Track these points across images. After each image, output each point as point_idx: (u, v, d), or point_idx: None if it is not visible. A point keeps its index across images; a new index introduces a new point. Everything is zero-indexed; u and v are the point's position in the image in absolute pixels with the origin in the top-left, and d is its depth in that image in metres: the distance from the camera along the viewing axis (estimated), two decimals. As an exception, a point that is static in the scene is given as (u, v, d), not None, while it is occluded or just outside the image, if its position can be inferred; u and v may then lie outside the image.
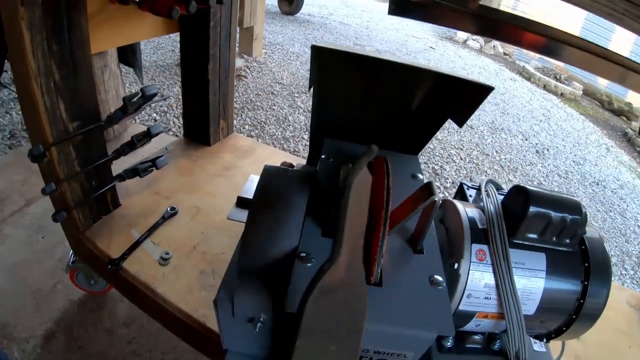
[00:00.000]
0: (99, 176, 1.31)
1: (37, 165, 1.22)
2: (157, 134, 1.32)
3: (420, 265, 0.71)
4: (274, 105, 3.53)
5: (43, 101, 1.05)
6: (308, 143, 3.02)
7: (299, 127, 3.29)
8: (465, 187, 1.03)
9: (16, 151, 2.70)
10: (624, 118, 6.81)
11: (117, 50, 2.41)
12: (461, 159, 3.48)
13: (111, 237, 1.32)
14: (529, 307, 0.77)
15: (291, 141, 3.10)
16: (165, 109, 3.14)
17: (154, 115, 3.03)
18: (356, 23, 7.49)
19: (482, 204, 0.86)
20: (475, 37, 8.38)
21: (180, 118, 3.03)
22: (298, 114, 3.46)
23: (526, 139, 4.24)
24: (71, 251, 1.54)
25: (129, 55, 2.49)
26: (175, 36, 1.60)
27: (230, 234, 1.36)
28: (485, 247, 0.77)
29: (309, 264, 0.65)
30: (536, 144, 4.25)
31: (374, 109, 1.09)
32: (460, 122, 0.99)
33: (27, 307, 1.73)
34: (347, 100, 1.08)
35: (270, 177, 0.85)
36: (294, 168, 0.97)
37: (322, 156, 0.93)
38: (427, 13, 1.10)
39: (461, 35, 8.52)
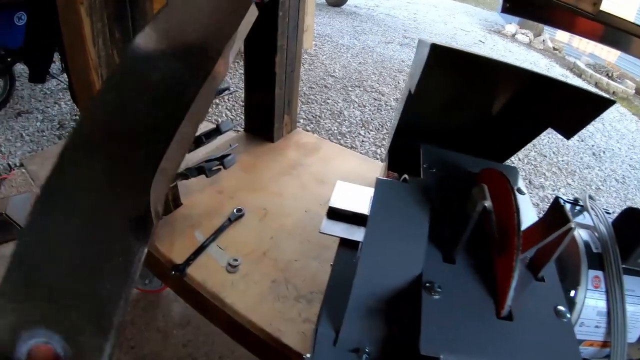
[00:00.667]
0: (162, 175, 1.21)
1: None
2: (226, 131, 1.22)
3: (544, 295, 0.66)
4: (328, 99, 3.45)
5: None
6: (364, 139, 2.93)
7: (354, 122, 3.20)
8: (561, 200, 0.93)
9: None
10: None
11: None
12: (519, 159, 3.34)
13: (173, 239, 1.23)
14: (633, 334, 0.73)
15: (347, 137, 3.02)
16: (217, 100, 3.07)
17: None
18: (403, 15, 7.35)
19: (589, 224, 0.81)
20: (524, 30, 8.12)
21: (233, 110, 2.97)
22: (353, 108, 3.37)
23: (582, 140, 4.07)
24: (128, 250, 1.46)
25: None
26: None
27: (301, 239, 1.26)
28: (600, 274, 0.72)
29: (436, 297, 0.61)
30: (592, 145, 4.07)
31: (468, 113, 1.04)
32: (568, 134, 0.92)
33: (79, 303, 1.69)
34: (443, 102, 1.02)
35: (387, 192, 0.77)
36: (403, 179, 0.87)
37: (424, 165, 0.87)
38: (542, 13, 1.05)
39: (510, 29, 8.28)
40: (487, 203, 0.63)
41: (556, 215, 0.63)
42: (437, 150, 0.95)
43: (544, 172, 3.29)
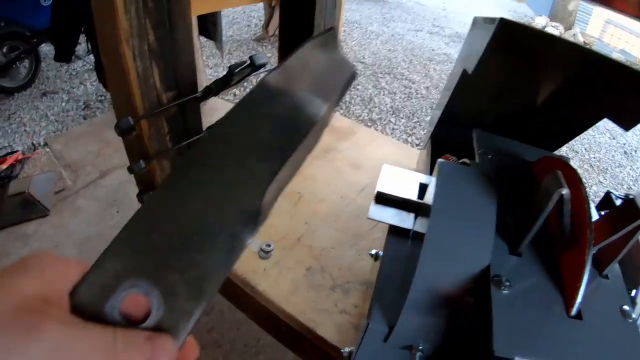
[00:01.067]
0: (191, 153, 1.15)
1: (121, 138, 1.07)
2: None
3: (609, 293, 0.63)
4: (358, 84, 3.40)
5: (135, 66, 0.90)
6: (394, 127, 2.86)
7: (385, 109, 3.14)
8: (613, 196, 0.90)
9: (90, 121, 2.66)
10: None
11: (197, 21, 2.27)
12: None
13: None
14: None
15: (378, 124, 2.96)
16: (246, 83, 3.02)
17: (234, 90, 2.91)
18: (432, 4, 7.20)
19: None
20: (554, 23, 7.94)
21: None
22: (383, 95, 3.31)
23: (613, 138, 3.95)
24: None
25: (209, 27, 2.36)
26: (251, 11, 1.45)
27: (337, 226, 1.19)
28: (658, 272, 0.69)
29: (506, 291, 0.57)
30: (624, 144, 3.95)
31: (523, 97, 1.00)
32: (627, 125, 0.88)
33: (99, 286, 1.65)
34: (498, 85, 0.99)
35: (451, 176, 0.71)
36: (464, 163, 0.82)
37: (479, 150, 0.83)
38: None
39: (540, 21, 8.09)
40: (565, 191, 0.57)
41: (628, 210, 0.60)
42: (490, 135, 0.89)
43: (576, 168, 3.19)
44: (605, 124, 4.26)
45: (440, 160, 0.73)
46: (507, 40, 0.83)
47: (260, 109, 0.50)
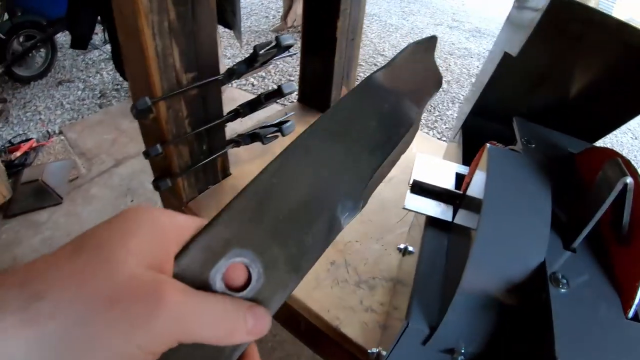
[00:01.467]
0: (211, 139, 1.10)
1: (137, 123, 1.02)
2: (289, 93, 1.09)
3: None
4: None
5: (154, 44, 0.85)
6: (422, 119, 2.80)
7: None
8: None
9: (106, 110, 2.63)
10: None
11: (216, 10, 2.22)
12: (604, 142, 3.15)
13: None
14: None
15: None
16: (263, 74, 2.97)
17: (251, 79, 2.86)
18: (452, -2, 7.11)
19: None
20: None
21: (284, 80, 2.87)
22: None
23: (635, 138, 3.86)
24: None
25: (229, 16, 2.32)
26: (269, 2, 1.40)
27: (362, 219, 1.13)
28: None
29: (563, 290, 0.51)
30: None
31: (563, 86, 0.93)
32: None
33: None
34: (539, 72, 0.93)
35: (503, 163, 0.65)
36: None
37: (522, 139, 0.77)
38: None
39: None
40: (629, 180, 0.51)
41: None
42: (530, 124, 0.84)
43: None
44: (628, 124, 4.18)
45: (489, 145, 0.67)
46: (556, 20, 0.78)
47: (369, 102, 0.54)
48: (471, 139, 0.97)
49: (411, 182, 0.80)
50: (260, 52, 0.97)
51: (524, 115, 0.86)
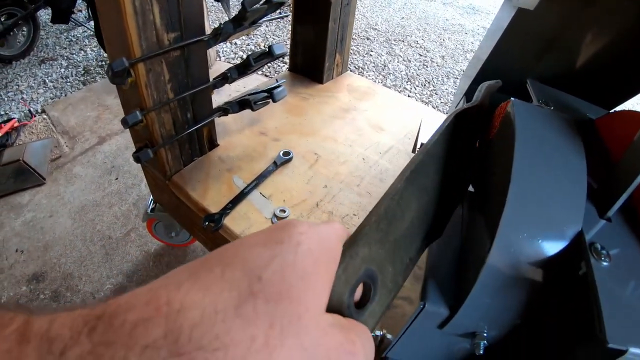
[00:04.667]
0: (196, 107, 1.01)
1: (117, 90, 0.94)
2: (280, 56, 1.01)
3: None
4: (371, 51, 3.24)
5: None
6: (410, 94, 2.72)
7: (399, 76, 3.00)
8: None
9: (89, 87, 2.54)
10: None
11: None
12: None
13: (207, 185, 1.04)
14: None
15: (393, 90, 2.78)
16: (253, 47, 2.87)
17: (240, 53, 2.76)
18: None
19: None
20: None
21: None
22: (397, 62, 3.15)
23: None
24: (151, 197, 1.28)
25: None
26: None
27: (359, 190, 1.05)
28: None
29: (606, 263, 0.45)
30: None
31: (575, 50, 0.91)
32: None
33: (95, 256, 1.59)
34: (554, 32, 0.89)
35: (532, 120, 0.58)
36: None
37: (540, 100, 0.75)
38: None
39: None
40: None
41: None
42: (545, 86, 0.81)
43: None
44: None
45: (514, 99, 0.59)
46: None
47: (436, 160, 0.53)
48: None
49: (419, 145, 0.73)
50: (249, 9, 0.88)
51: (538, 78, 0.83)
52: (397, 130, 1.31)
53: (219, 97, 1.46)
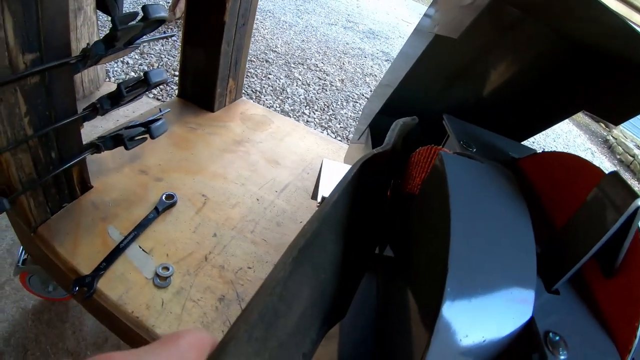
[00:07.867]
0: (62, 144, 0.87)
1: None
2: (158, 84, 0.89)
3: None
4: (270, 74, 3.20)
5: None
6: (309, 119, 2.70)
7: (298, 100, 2.98)
8: None
9: None
10: (602, 125, 6.84)
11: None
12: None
13: (78, 238, 0.89)
14: None
15: (291, 115, 2.80)
16: (146, 67, 2.71)
17: (132, 73, 2.60)
18: (347, 0, 7.19)
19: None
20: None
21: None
22: (296, 86, 3.14)
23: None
24: (21, 247, 1.12)
25: (109, 1, 2.05)
26: None
27: (254, 238, 0.95)
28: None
29: (563, 357, 0.39)
30: (532, 142, 4.07)
31: (488, 80, 0.91)
32: (616, 120, 0.80)
33: (-37, 316, 1.38)
34: (466, 62, 0.88)
35: (465, 178, 0.50)
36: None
37: (460, 141, 0.69)
38: None
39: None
40: None
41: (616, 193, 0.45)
42: (462, 122, 0.76)
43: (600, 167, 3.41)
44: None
45: (443, 152, 0.52)
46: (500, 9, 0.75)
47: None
48: (380, 140, 0.85)
49: (319, 199, 0.64)
50: (121, 27, 0.76)
51: (444, 111, 0.79)
52: (294, 164, 1.24)
53: (106, 122, 1.31)
